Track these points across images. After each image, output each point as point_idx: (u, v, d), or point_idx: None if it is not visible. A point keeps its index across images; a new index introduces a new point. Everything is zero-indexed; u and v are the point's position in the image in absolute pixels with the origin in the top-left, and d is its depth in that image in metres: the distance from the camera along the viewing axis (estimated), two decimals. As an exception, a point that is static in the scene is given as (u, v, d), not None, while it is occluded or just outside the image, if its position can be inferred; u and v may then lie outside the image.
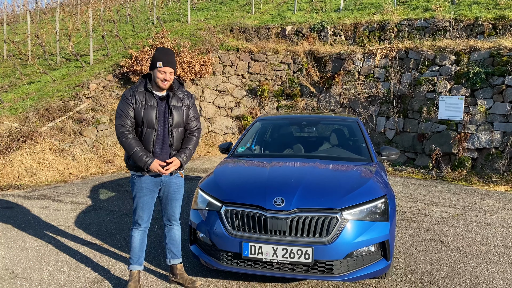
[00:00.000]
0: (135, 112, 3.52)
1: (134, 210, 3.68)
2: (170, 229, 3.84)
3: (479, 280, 4.00)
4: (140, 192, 3.62)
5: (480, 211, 6.72)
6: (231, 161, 4.76)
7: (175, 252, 3.84)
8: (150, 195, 3.66)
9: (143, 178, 3.60)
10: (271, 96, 13.61)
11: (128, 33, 17.54)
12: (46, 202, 6.98)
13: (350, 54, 12.74)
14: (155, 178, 3.63)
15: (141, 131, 3.55)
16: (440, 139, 10.33)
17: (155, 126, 3.55)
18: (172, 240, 3.83)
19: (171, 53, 3.61)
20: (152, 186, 3.65)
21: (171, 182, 3.71)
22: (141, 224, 3.68)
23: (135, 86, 3.60)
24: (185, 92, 3.79)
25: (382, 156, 4.85)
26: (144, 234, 3.74)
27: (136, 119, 3.53)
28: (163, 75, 3.52)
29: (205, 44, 14.34)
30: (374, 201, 3.57)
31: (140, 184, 3.62)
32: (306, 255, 3.31)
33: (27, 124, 10.43)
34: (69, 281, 3.87)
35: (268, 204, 3.45)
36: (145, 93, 3.58)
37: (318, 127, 6.25)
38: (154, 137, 3.55)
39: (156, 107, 3.56)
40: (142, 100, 3.54)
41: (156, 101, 3.58)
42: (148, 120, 3.52)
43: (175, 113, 3.62)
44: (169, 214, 3.80)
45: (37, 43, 15.69)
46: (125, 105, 3.53)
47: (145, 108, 3.52)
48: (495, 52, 10.22)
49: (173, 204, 3.77)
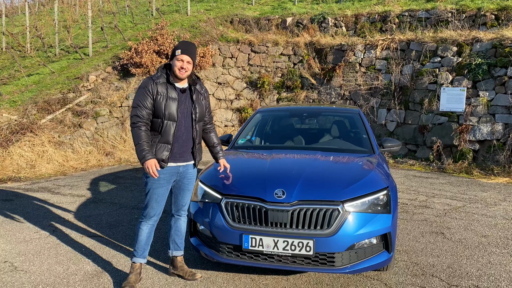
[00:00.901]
0: (156, 104, 3.47)
1: (148, 202, 3.58)
2: (177, 220, 3.80)
3: (481, 272, 3.97)
4: (157, 183, 3.54)
5: (482, 203, 6.69)
6: (231, 153, 4.72)
7: (178, 243, 3.82)
8: (166, 187, 3.61)
9: (161, 169, 3.51)
10: (271, 88, 13.54)
11: (127, 25, 17.42)
12: (45, 195, 6.95)
13: (351, 45, 12.64)
14: (173, 169, 3.59)
15: (162, 123, 3.50)
16: (441, 131, 10.28)
17: (176, 119, 3.52)
18: (178, 231, 3.80)
19: (191, 44, 3.61)
20: (169, 177, 3.60)
21: (187, 172, 3.70)
22: (152, 217, 3.61)
23: (156, 77, 3.54)
24: (202, 86, 3.80)
25: (384, 148, 4.80)
26: (153, 228, 3.68)
27: (157, 111, 3.47)
28: (180, 63, 3.50)
29: (204, 35, 14.24)
30: (376, 193, 3.53)
31: (158, 174, 3.52)
32: (307, 248, 3.27)
33: (26, 116, 10.38)
34: (68, 274, 3.84)
35: (269, 196, 3.41)
36: (166, 85, 3.54)
37: (319, 118, 6.20)
38: (175, 129, 3.52)
39: (177, 100, 3.53)
40: (164, 92, 3.50)
41: (177, 93, 3.55)
42: (169, 112, 3.48)
43: (199, 107, 3.64)
44: (179, 204, 3.76)
45: (35, 35, 15.59)
46: (145, 95, 3.47)
47: (167, 100, 3.48)
48: (497, 43, 10.13)
49: (185, 194, 3.75)
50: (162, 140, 3.51)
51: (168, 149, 3.51)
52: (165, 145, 3.51)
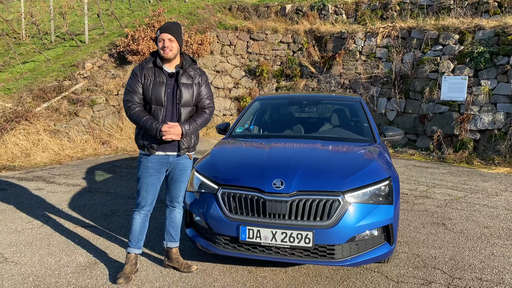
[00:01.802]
0: (144, 89, 3.43)
1: (138, 191, 3.54)
2: (172, 211, 3.70)
3: (484, 265, 3.87)
4: (146, 172, 3.49)
5: (483, 193, 6.59)
6: (229, 142, 4.59)
7: (173, 235, 3.71)
8: (155, 176, 3.51)
9: (149, 157, 3.47)
10: (270, 76, 13.35)
11: (124, 12, 17.14)
12: (40, 184, 6.83)
13: (352, 33, 12.45)
14: (162, 158, 3.50)
15: (150, 108, 3.45)
16: (442, 120, 10.15)
17: (164, 103, 3.42)
18: (172, 223, 3.70)
19: (172, 23, 3.50)
20: (159, 167, 3.51)
21: (178, 163, 3.58)
22: (144, 206, 3.54)
23: (145, 62, 3.50)
24: (197, 69, 3.63)
25: (386, 137, 4.68)
26: (146, 218, 3.61)
27: (145, 96, 3.44)
28: (161, 42, 3.41)
29: (202, 22, 14.01)
30: (377, 184, 3.41)
31: (146, 164, 3.49)
32: (306, 239, 3.16)
33: (21, 104, 10.21)
34: (60, 265, 3.73)
35: (267, 187, 3.30)
36: (154, 69, 3.47)
37: (319, 107, 6.06)
38: (163, 114, 3.43)
39: (165, 83, 3.45)
40: (151, 76, 3.44)
41: (165, 77, 3.46)
42: (156, 96, 3.41)
43: (184, 91, 3.48)
44: (172, 195, 3.66)
45: (31, 21, 15.33)
46: (134, 81, 3.44)
47: (154, 85, 3.42)
48: (500, 31, 9.95)
49: (178, 185, 3.63)
50: None
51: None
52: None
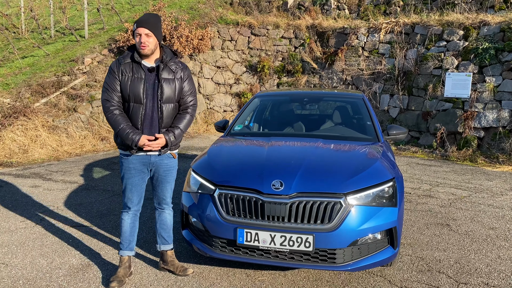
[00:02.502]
0: (121, 86, 3.23)
1: (123, 192, 3.42)
2: (161, 213, 3.56)
3: (490, 269, 3.74)
4: (128, 173, 3.35)
5: (488, 192, 6.45)
6: (227, 140, 4.45)
7: (165, 237, 3.57)
8: (139, 176, 3.38)
9: (130, 158, 3.32)
10: (271, 72, 13.19)
11: (124, 6, 16.97)
12: (36, 181, 6.72)
13: (354, 28, 12.26)
14: (144, 158, 3.34)
15: (128, 106, 3.26)
16: (445, 117, 9.99)
17: (143, 100, 3.23)
18: (163, 225, 3.56)
19: (150, 15, 3.27)
20: (141, 167, 3.36)
21: (161, 163, 3.41)
22: (131, 207, 3.42)
23: (122, 57, 3.28)
24: (179, 63, 3.42)
25: (389, 136, 4.54)
26: (135, 218, 3.49)
27: (123, 93, 3.24)
28: (137, 37, 3.21)
29: (203, 17, 13.84)
30: (381, 185, 3.27)
31: (128, 164, 3.34)
32: (306, 243, 3.03)
33: (20, 100, 10.09)
34: (52, 268, 3.61)
35: (266, 188, 3.16)
36: (132, 64, 3.26)
37: (320, 104, 5.92)
38: (142, 113, 3.25)
39: (144, 79, 3.24)
40: (128, 72, 3.23)
41: (144, 72, 3.25)
42: (134, 94, 3.22)
43: (165, 87, 3.28)
44: (159, 197, 3.52)
45: (30, 16, 15.18)
46: (111, 78, 3.24)
47: (132, 81, 3.22)
48: (506, 27, 9.76)
49: (163, 186, 3.47)
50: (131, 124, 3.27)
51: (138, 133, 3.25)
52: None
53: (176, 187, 6.29)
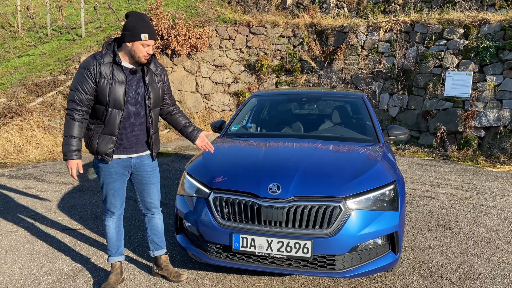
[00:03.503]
0: (99, 89, 2.94)
1: (105, 198, 3.23)
2: (151, 219, 3.41)
3: (495, 274, 3.63)
4: (109, 178, 3.16)
5: (489, 193, 6.35)
6: (223, 141, 4.33)
7: (158, 242, 3.44)
8: (120, 180, 3.21)
9: (110, 162, 3.12)
10: (270, 71, 13.07)
11: (122, 5, 16.83)
12: (30, 182, 6.59)
13: (353, 27, 12.14)
14: (125, 161, 3.17)
15: (106, 111, 2.99)
16: (445, 117, 9.88)
17: (123, 106, 3.01)
18: (154, 230, 3.42)
19: (151, 22, 3.10)
20: (122, 170, 3.19)
21: (143, 164, 3.24)
22: (114, 212, 3.27)
23: (100, 56, 2.97)
24: (158, 64, 3.24)
25: (390, 136, 4.42)
26: (120, 222, 3.34)
27: (100, 97, 2.96)
28: (146, 48, 3.00)
29: (201, 16, 13.71)
30: (382, 188, 3.16)
31: (108, 169, 3.14)
32: (304, 249, 2.92)
33: (15, 99, 9.96)
34: (41, 274, 3.49)
35: (262, 191, 3.04)
36: (112, 65, 2.99)
37: (319, 103, 5.80)
38: (121, 119, 3.02)
39: (125, 83, 3.00)
40: (108, 74, 2.95)
41: (124, 75, 3.01)
42: (114, 99, 2.96)
43: (153, 92, 3.13)
44: (146, 202, 3.34)
45: (26, 14, 15.03)
46: (85, 79, 2.93)
47: (112, 85, 2.95)
48: (506, 25, 9.65)
49: (150, 189, 3.31)
50: (106, 131, 3.03)
51: (113, 141, 3.05)
52: (109, 137, 3.04)
53: (173, 188, 6.19)
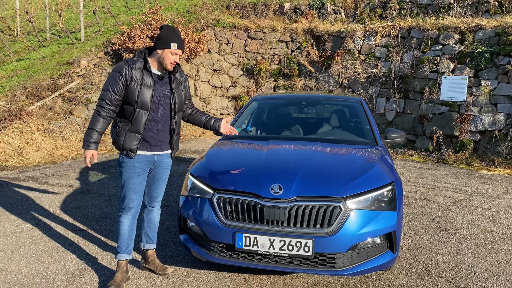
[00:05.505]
0: (129, 91, 3.24)
1: (125, 193, 3.38)
2: (150, 212, 3.64)
3: (489, 273, 3.74)
4: (133, 172, 3.35)
5: (484, 196, 6.47)
6: (225, 143, 4.43)
7: (151, 236, 3.64)
8: (142, 175, 3.41)
9: (135, 157, 3.35)
10: (268, 75, 13.20)
11: (121, 9, 16.94)
12: (32, 185, 6.66)
13: (350, 32, 12.30)
14: (148, 158, 3.41)
15: (133, 111, 3.28)
16: (441, 120, 10.03)
17: (149, 107, 3.29)
18: (150, 224, 3.63)
19: (180, 35, 3.41)
20: (145, 166, 3.41)
21: (162, 161, 3.51)
22: (132, 208, 3.40)
23: (132, 62, 3.29)
24: (182, 73, 3.58)
25: (387, 139, 4.54)
26: (134, 220, 3.48)
27: (129, 98, 3.25)
28: (174, 57, 3.30)
29: (200, 20, 13.84)
30: (380, 189, 3.27)
31: (133, 164, 3.35)
32: (305, 248, 3.01)
33: (15, 102, 10.04)
34: (48, 273, 3.57)
35: (265, 192, 3.14)
36: (142, 71, 3.30)
37: (318, 107, 5.91)
38: (147, 119, 3.30)
39: (153, 87, 3.31)
40: (138, 78, 3.27)
41: (152, 80, 3.32)
42: (142, 100, 3.26)
43: (178, 97, 3.44)
44: (153, 195, 3.58)
45: (26, 18, 15.11)
46: (116, 81, 3.23)
47: (141, 88, 3.26)
48: (501, 31, 9.83)
49: (159, 184, 3.57)
50: (132, 129, 3.31)
51: (138, 139, 3.32)
52: (134, 134, 3.31)
53: (173, 190, 6.27)
